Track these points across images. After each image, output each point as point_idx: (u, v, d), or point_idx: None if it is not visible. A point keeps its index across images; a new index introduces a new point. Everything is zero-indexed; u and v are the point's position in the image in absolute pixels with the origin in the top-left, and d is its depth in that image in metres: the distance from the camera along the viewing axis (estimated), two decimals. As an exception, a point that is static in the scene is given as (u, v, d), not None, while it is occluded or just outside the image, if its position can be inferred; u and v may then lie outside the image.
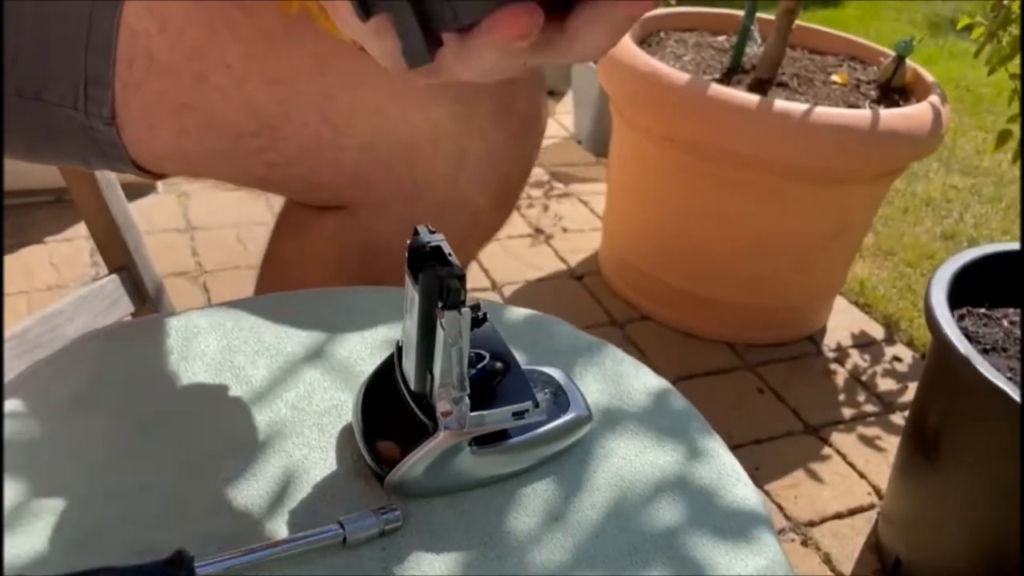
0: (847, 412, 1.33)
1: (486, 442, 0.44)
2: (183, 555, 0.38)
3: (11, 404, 0.47)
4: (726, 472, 0.48)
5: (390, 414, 0.46)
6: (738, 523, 0.45)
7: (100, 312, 0.93)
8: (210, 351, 0.52)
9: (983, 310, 1.07)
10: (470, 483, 0.45)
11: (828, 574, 1.06)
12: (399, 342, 0.46)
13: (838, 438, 1.28)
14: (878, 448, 1.26)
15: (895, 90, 1.47)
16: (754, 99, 1.24)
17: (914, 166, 2.07)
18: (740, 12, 1.53)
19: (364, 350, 0.54)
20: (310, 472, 0.45)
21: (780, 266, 1.40)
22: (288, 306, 0.57)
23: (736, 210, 1.35)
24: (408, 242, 0.43)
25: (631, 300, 1.52)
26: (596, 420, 0.50)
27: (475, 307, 0.42)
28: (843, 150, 1.25)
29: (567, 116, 2.19)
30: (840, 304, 1.58)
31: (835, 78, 1.49)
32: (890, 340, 1.52)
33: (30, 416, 0.47)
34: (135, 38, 0.56)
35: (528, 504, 0.45)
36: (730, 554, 0.43)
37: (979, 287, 1.06)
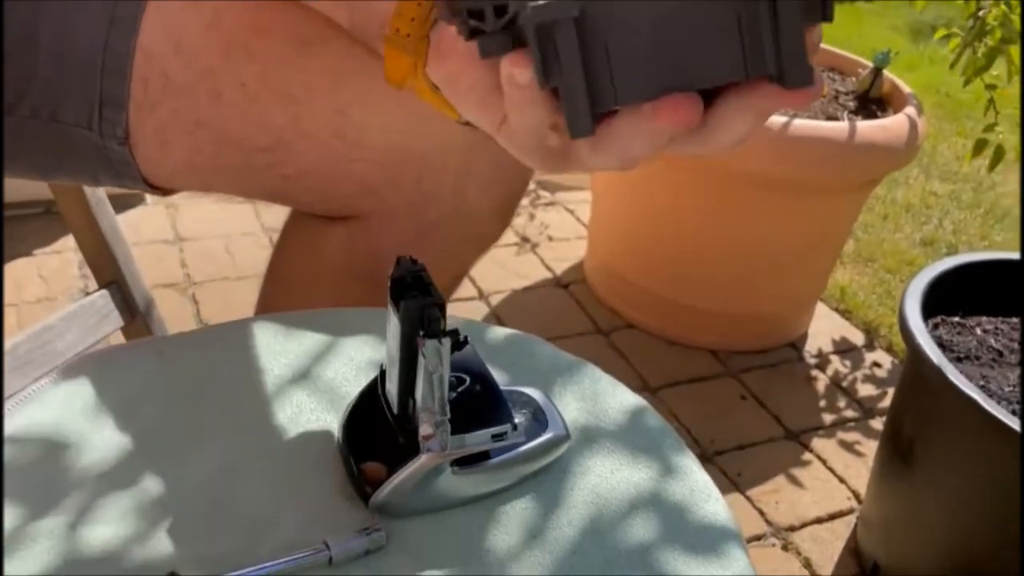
0: (828, 418, 1.36)
1: (467, 463, 0.46)
2: (175, 577, 0.39)
3: (7, 427, 0.49)
4: (698, 488, 0.50)
5: (374, 436, 0.48)
6: (709, 538, 0.47)
7: (90, 328, 0.94)
8: (198, 373, 0.54)
9: (957, 318, 1.09)
10: (452, 502, 0.47)
11: (808, 578, 1.09)
12: (383, 365, 0.48)
13: (819, 443, 1.30)
14: (858, 453, 1.29)
15: (873, 101, 1.50)
16: (734, 112, 1.26)
17: (894, 173, 2.10)
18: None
19: (350, 372, 0.56)
20: (297, 493, 0.47)
21: (762, 274, 1.42)
22: (276, 327, 0.59)
23: (718, 220, 1.37)
24: (390, 272, 0.44)
25: (616, 308, 1.54)
26: (574, 438, 0.52)
27: (454, 332, 0.44)
28: (821, 162, 1.28)
29: (553, 124, 2.21)
30: (821, 310, 1.61)
31: (815, 89, 1.52)
32: (870, 346, 1.54)
33: (23, 441, 0.48)
34: (151, 59, 0.58)
35: (508, 522, 0.47)
36: (701, 568, 0.45)
37: (954, 296, 1.09)
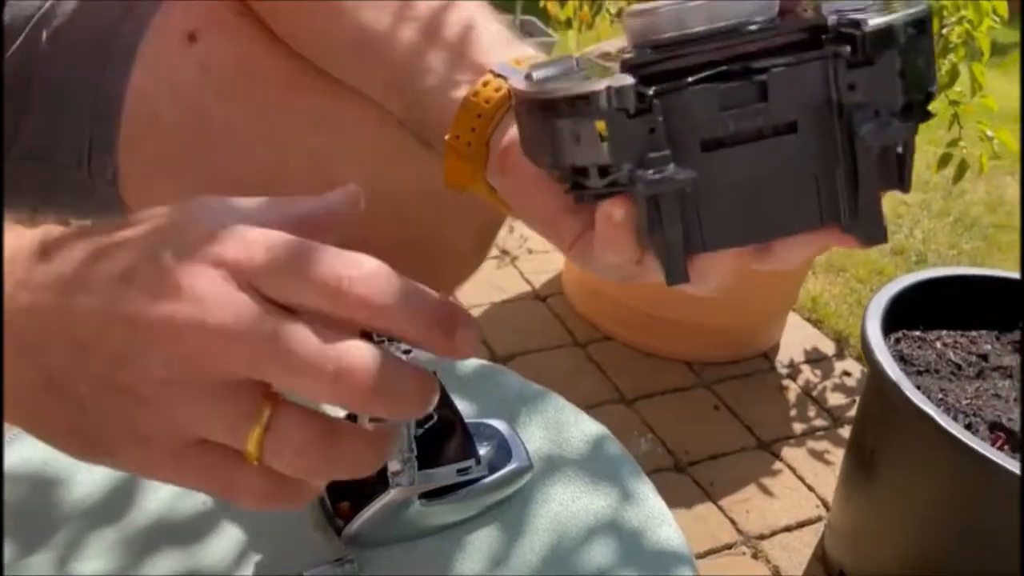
0: (798, 427, 1.40)
1: (434, 495, 0.49)
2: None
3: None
4: (653, 515, 0.53)
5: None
6: (662, 562, 0.51)
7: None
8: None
9: (918, 332, 1.13)
10: (420, 532, 0.50)
11: (777, 585, 1.12)
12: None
13: (789, 452, 1.34)
14: (826, 462, 1.33)
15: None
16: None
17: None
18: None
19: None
20: (273, 526, 0.50)
21: (736, 287, 1.46)
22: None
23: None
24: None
25: (593, 321, 1.58)
26: (537, 467, 0.55)
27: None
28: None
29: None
30: (793, 320, 1.65)
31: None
32: (840, 355, 1.58)
33: (13, 479, 0.51)
34: (142, 100, 0.60)
35: (474, 550, 0.50)
36: (653, 591, 0.49)
37: (916, 310, 1.13)
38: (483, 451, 0.52)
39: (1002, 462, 0.84)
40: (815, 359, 1.56)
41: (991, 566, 0.91)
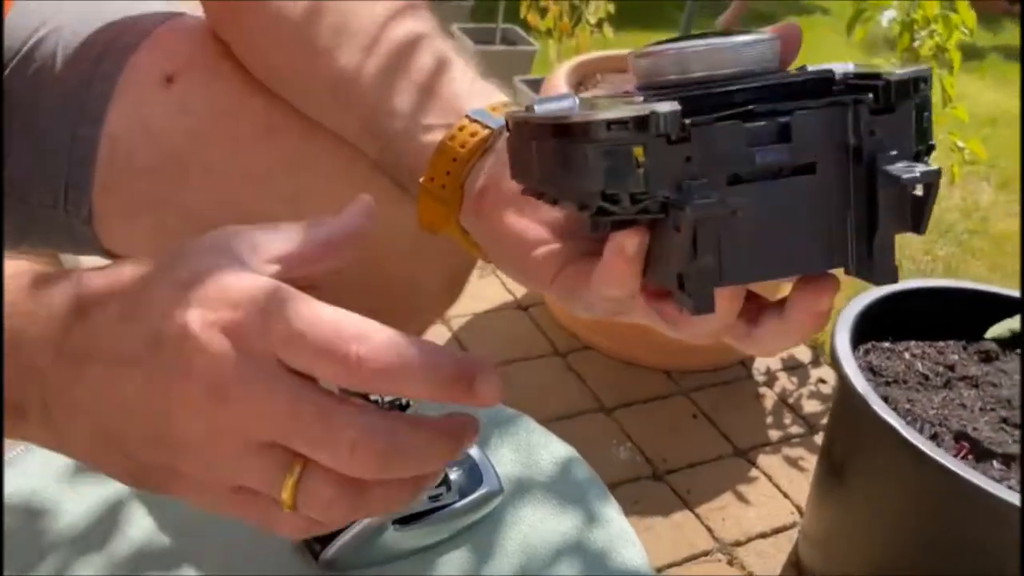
0: (774, 434, 1.43)
1: (407, 520, 0.51)
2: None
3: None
4: (618, 536, 0.56)
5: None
6: (625, 582, 0.53)
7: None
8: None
9: (887, 344, 1.16)
10: (394, 556, 0.52)
11: (752, 591, 1.15)
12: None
13: (765, 460, 1.37)
14: (801, 468, 1.36)
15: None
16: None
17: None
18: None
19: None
20: (252, 551, 0.52)
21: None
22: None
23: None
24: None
25: (574, 330, 1.60)
26: (508, 490, 0.57)
27: (394, 401, 0.49)
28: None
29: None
30: (771, 328, 1.68)
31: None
32: (816, 362, 1.62)
33: (5, 508, 0.53)
34: (116, 143, 0.60)
35: (447, 572, 0.52)
36: (617, 610, 0.51)
37: (885, 321, 1.16)
38: (454, 476, 0.54)
39: (963, 473, 0.86)
40: (791, 367, 1.60)
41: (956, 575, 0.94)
